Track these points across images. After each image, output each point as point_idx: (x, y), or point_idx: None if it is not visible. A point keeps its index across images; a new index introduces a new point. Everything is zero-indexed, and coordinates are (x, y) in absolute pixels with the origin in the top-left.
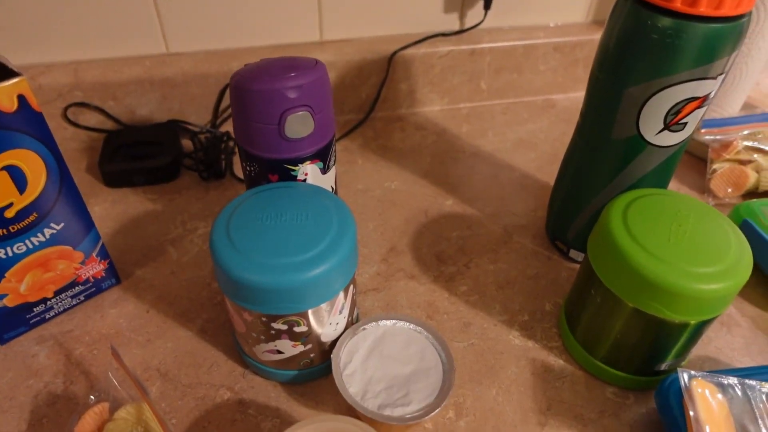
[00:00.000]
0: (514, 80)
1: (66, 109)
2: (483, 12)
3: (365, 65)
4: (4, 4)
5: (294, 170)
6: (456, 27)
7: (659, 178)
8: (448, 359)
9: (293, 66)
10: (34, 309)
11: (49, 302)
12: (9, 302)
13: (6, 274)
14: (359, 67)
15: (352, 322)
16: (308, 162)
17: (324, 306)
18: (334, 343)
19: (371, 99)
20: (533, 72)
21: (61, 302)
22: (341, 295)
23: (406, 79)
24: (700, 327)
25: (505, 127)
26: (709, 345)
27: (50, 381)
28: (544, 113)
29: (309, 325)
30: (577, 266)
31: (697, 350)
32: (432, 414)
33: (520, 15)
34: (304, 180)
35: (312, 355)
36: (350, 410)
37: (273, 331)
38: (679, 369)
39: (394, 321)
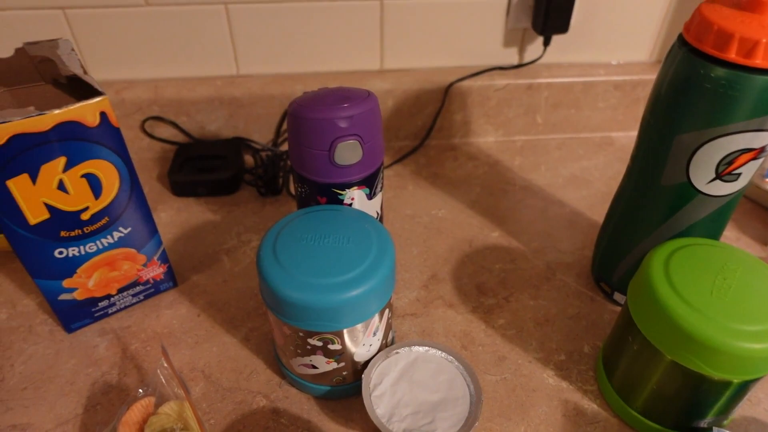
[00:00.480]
0: (572, 116)
1: (144, 122)
2: (542, 48)
3: (422, 94)
4: (98, 28)
5: (341, 194)
6: (514, 61)
7: (710, 228)
8: (477, 391)
9: (347, 97)
10: (99, 303)
11: (112, 298)
12: (78, 296)
13: (78, 270)
14: (416, 96)
15: (387, 345)
16: (355, 187)
17: (359, 327)
18: (366, 363)
19: (426, 127)
20: (592, 109)
21: (122, 299)
22: (376, 317)
23: (461, 109)
24: (745, 386)
25: (559, 162)
26: (757, 406)
27: (107, 371)
28: (601, 150)
29: (343, 344)
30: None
31: (744, 410)
32: None
33: (580, 52)
34: (351, 204)
35: (344, 373)
36: (376, 431)
37: (309, 347)
38: (716, 429)
39: (426, 348)
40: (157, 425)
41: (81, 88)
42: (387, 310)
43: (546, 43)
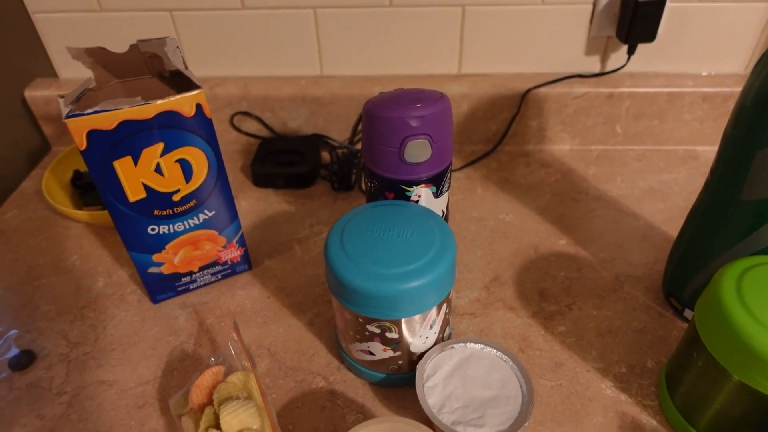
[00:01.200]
0: (654, 127)
1: (233, 116)
2: (626, 57)
3: (498, 100)
4: (199, 29)
5: (409, 191)
6: (596, 70)
7: None
8: (529, 392)
9: (420, 98)
10: (182, 279)
11: (194, 275)
12: (165, 270)
13: (166, 246)
14: (492, 101)
15: (443, 339)
16: (423, 185)
17: (416, 318)
18: (422, 355)
19: (500, 132)
20: (676, 120)
21: (203, 277)
22: (434, 310)
23: (537, 116)
24: None
25: (637, 174)
26: None
27: (185, 341)
28: (684, 164)
29: (400, 333)
30: None
31: None
32: None
33: (667, 62)
34: (417, 201)
35: (400, 362)
36: (427, 421)
37: (367, 333)
38: None
39: (482, 345)
40: (225, 391)
41: (181, 82)
42: (445, 305)
43: (630, 51)
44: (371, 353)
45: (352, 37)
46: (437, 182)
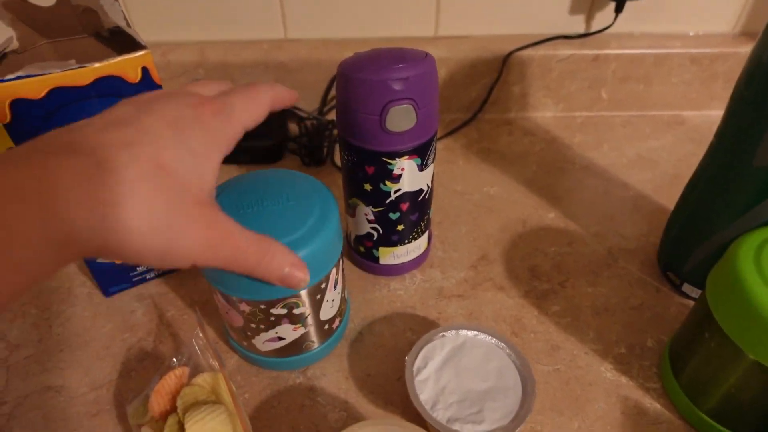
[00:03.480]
0: (641, 91)
1: None
2: (613, 15)
3: (478, 64)
4: None
5: (391, 164)
6: (581, 30)
7: None
8: (530, 382)
9: (402, 57)
10: (138, 268)
11: None
12: None
13: None
14: (472, 65)
15: (345, 299)
16: (406, 157)
17: (320, 283)
18: (332, 320)
19: (481, 99)
20: (663, 84)
21: None
22: (333, 270)
23: (520, 81)
24: None
25: (624, 141)
26: None
27: (143, 338)
28: (671, 130)
29: (307, 304)
30: (690, 302)
31: None
32: None
33: (655, 21)
34: (400, 175)
35: (312, 339)
36: (418, 417)
37: (273, 317)
38: None
39: (475, 332)
40: (190, 396)
41: (124, 42)
42: (341, 261)
43: (618, 9)
44: (281, 338)
45: None
46: (422, 153)
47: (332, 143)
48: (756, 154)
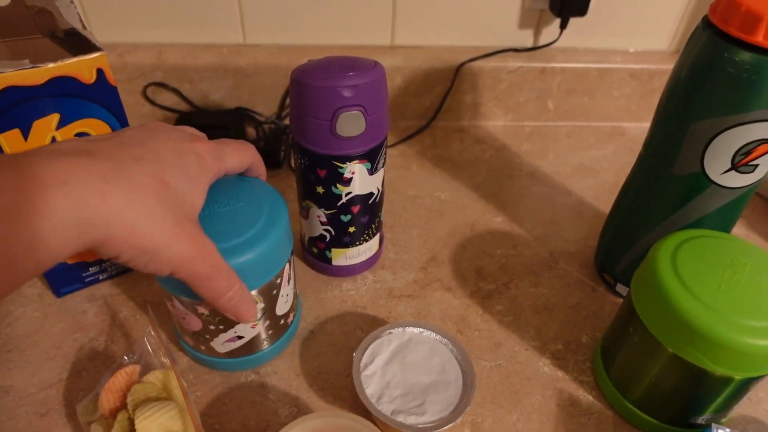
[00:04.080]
0: (584, 103)
1: (146, 87)
2: (558, 31)
3: (432, 73)
4: None
5: (342, 167)
6: (529, 44)
7: (722, 221)
8: (470, 376)
9: (353, 66)
10: (90, 269)
11: (104, 264)
12: (69, 259)
13: None
14: (426, 74)
15: (297, 293)
16: (356, 161)
17: (275, 278)
18: (286, 315)
19: (434, 107)
20: (605, 97)
21: (114, 265)
22: (287, 266)
23: (471, 90)
24: (746, 384)
25: (568, 150)
26: (758, 405)
27: (94, 337)
28: (612, 140)
29: (265, 300)
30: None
31: (743, 408)
32: (445, 427)
33: (597, 38)
34: (351, 178)
35: (270, 332)
36: (365, 411)
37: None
38: (714, 425)
39: (421, 329)
40: (141, 393)
41: (79, 44)
42: (292, 258)
43: (563, 25)
44: (240, 337)
45: (278, 2)
46: (372, 158)
47: (289, 147)
48: (675, 163)
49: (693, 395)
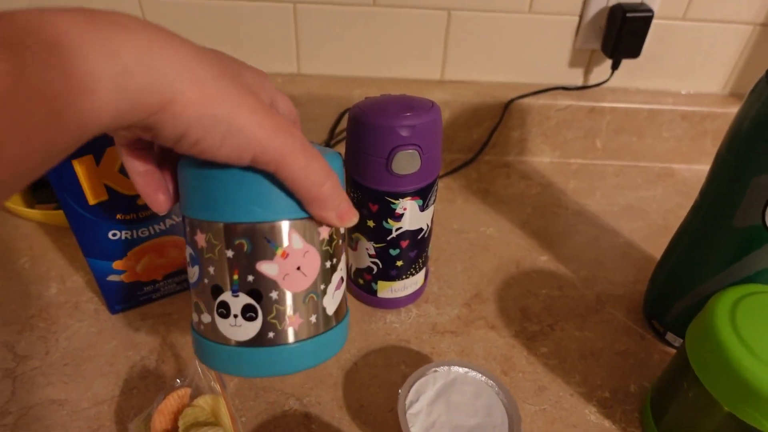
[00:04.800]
0: (633, 143)
1: None
2: (610, 71)
3: (481, 108)
4: (162, 17)
5: (394, 204)
6: (579, 83)
7: None
8: (516, 420)
9: (410, 105)
10: (145, 288)
11: (157, 284)
12: (125, 278)
13: (128, 253)
14: (474, 109)
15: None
16: (409, 198)
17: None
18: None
19: (481, 142)
20: (655, 138)
21: (167, 286)
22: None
23: (519, 127)
24: None
25: (616, 189)
26: None
27: (146, 356)
28: (661, 181)
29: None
30: (672, 350)
31: None
32: None
33: (649, 79)
34: (402, 215)
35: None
36: None
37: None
38: None
39: (467, 369)
40: (191, 417)
41: None
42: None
43: (614, 66)
44: (342, 279)
45: (332, 35)
46: (424, 195)
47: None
48: (735, 215)
49: None
